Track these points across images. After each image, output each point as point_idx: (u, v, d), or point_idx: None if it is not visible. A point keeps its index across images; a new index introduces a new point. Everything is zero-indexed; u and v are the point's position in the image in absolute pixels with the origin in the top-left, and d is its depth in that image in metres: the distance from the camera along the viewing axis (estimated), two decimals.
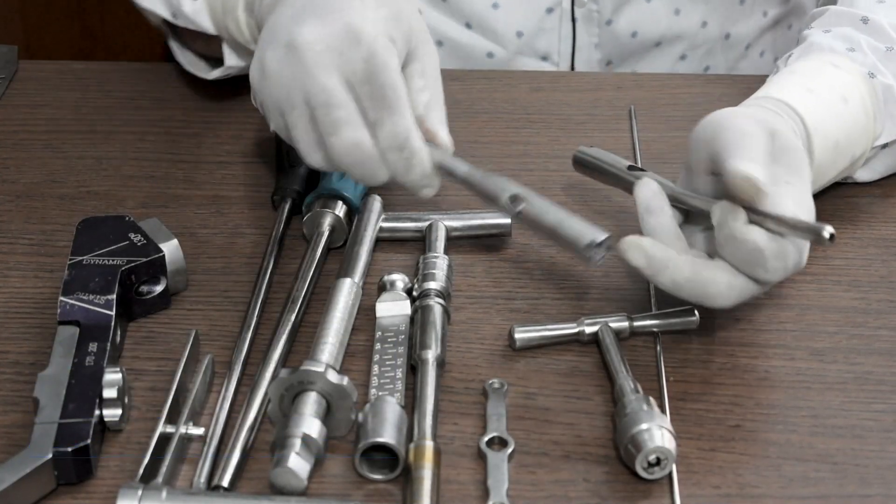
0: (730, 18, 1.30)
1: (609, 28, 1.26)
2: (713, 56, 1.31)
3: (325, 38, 0.82)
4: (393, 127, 0.82)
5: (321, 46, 0.82)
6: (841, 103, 0.96)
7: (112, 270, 0.88)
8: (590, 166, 0.98)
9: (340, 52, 0.82)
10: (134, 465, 0.79)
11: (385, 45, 0.82)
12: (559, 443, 0.82)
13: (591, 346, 0.89)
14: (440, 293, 0.90)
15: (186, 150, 1.11)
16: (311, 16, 0.83)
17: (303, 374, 0.80)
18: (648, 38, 1.27)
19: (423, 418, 0.80)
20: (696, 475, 0.79)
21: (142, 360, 0.88)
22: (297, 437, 0.77)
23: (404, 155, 0.82)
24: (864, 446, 0.82)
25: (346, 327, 0.87)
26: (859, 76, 0.98)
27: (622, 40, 1.27)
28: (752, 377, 0.87)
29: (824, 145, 0.95)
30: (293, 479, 0.76)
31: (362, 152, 0.83)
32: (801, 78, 0.97)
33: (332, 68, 0.82)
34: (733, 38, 1.31)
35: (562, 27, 1.25)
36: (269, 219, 1.01)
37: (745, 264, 0.82)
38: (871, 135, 0.99)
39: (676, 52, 1.29)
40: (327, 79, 0.81)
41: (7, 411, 0.84)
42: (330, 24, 0.82)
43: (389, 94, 0.81)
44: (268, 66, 0.83)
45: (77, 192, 1.05)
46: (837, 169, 0.98)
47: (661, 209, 0.86)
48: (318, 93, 0.82)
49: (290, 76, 0.82)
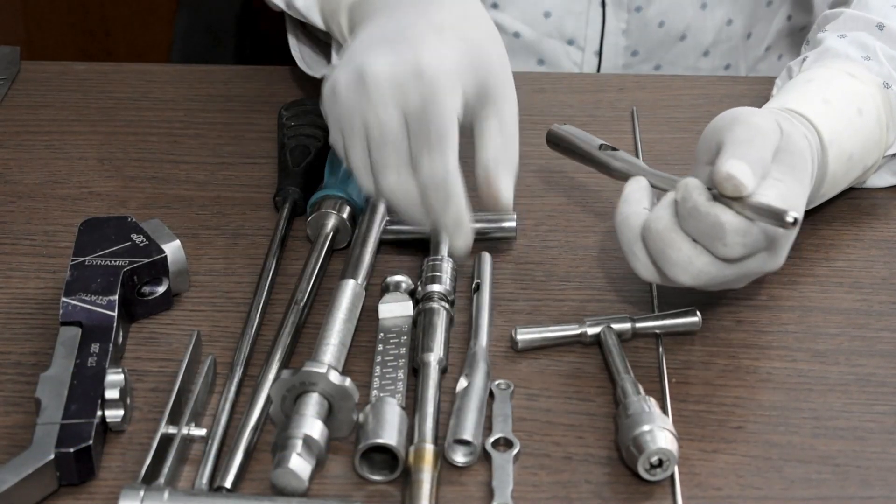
0: (754, 18, 1.31)
1: (638, 15, 1.26)
2: (735, 54, 1.31)
3: (393, 70, 0.82)
4: (431, 166, 0.82)
5: (388, 79, 0.82)
6: (857, 116, 0.96)
7: (114, 271, 0.88)
8: (563, 143, 0.97)
9: (403, 87, 0.82)
10: (136, 465, 0.79)
11: (446, 86, 0.82)
12: (561, 444, 0.82)
13: (593, 347, 0.89)
14: (444, 296, 0.90)
15: (188, 151, 1.11)
16: (386, 45, 0.83)
17: (305, 374, 0.80)
18: (675, 29, 1.28)
19: (424, 421, 0.80)
20: (697, 477, 0.79)
21: (144, 361, 0.88)
22: (298, 437, 0.77)
23: (440, 195, 0.82)
24: (866, 448, 0.82)
25: (349, 328, 0.87)
26: (875, 86, 0.98)
27: (650, 28, 1.27)
28: (754, 379, 0.87)
29: (839, 158, 0.95)
30: (294, 479, 0.76)
31: (406, 195, 0.83)
32: (817, 87, 0.97)
33: (392, 102, 0.82)
34: (754, 38, 1.32)
35: (590, 10, 1.25)
36: (270, 220, 1.01)
37: (706, 237, 0.82)
38: (884, 145, 0.99)
39: (700, 47, 1.30)
40: (385, 114, 0.82)
41: (9, 412, 0.84)
42: (401, 56, 0.82)
43: (434, 135, 0.81)
44: (338, 86, 0.84)
45: (79, 193, 1.05)
46: (850, 180, 0.98)
47: (638, 201, 0.86)
48: (374, 126, 0.82)
49: (355, 102, 0.83)
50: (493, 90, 0.85)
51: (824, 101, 0.96)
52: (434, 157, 0.82)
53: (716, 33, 1.29)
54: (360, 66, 0.83)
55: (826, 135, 0.94)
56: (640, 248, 0.85)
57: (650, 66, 1.29)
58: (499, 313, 0.92)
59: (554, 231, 1.00)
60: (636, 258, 0.85)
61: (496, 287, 0.94)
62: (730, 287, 0.87)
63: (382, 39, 0.84)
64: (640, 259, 0.85)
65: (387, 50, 0.83)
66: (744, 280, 0.86)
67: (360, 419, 0.80)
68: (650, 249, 0.84)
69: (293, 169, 1.02)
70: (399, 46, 0.83)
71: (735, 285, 0.87)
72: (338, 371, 0.82)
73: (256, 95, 1.18)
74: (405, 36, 0.84)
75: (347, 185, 0.98)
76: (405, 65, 0.82)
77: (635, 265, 0.86)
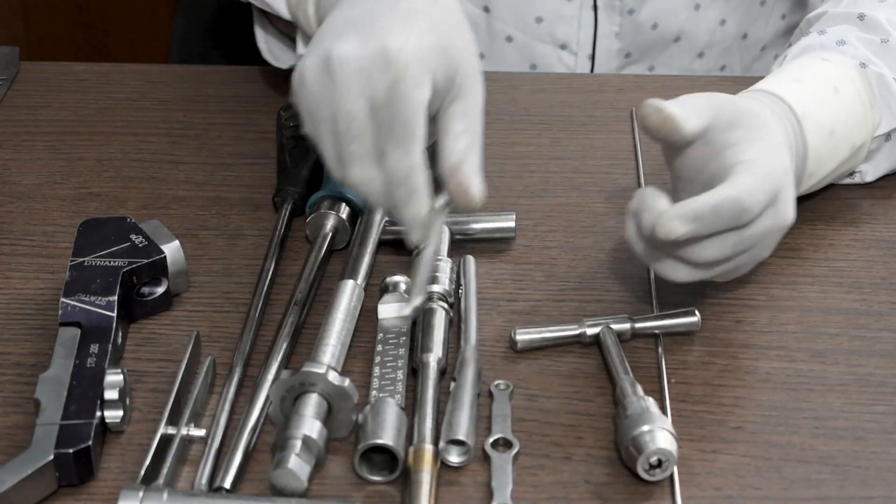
0: (748, 18, 1.30)
1: (631, 18, 1.26)
2: (730, 55, 1.31)
3: (360, 57, 0.80)
4: (395, 159, 0.80)
5: (354, 66, 0.80)
6: (831, 92, 0.97)
7: (113, 272, 0.88)
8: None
9: (370, 75, 0.80)
10: (135, 466, 0.79)
11: (414, 76, 0.79)
12: (560, 444, 0.82)
13: (592, 347, 0.89)
14: (443, 296, 0.90)
15: (188, 151, 1.11)
16: (354, 31, 0.81)
17: (304, 375, 0.80)
18: (668, 31, 1.28)
19: (424, 421, 0.80)
20: (697, 477, 0.79)
21: (143, 362, 0.88)
22: (297, 438, 0.77)
23: (403, 191, 0.81)
24: (866, 448, 0.82)
25: (348, 329, 0.87)
26: (851, 67, 0.99)
27: (643, 31, 1.27)
28: (754, 379, 0.87)
29: (819, 132, 0.95)
30: (293, 480, 0.76)
31: (372, 187, 0.82)
32: (788, 72, 0.98)
33: (359, 91, 0.80)
34: (750, 39, 1.32)
35: (582, 15, 1.25)
36: (270, 220, 1.01)
37: (671, 252, 0.85)
38: (870, 124, 0.99)
39: (695, 49, 1.29)
40: (352, 104, 0.80)
41: (8, 412, 0.84)
42: (368, 44, 0.80)
43: (400, 127, 0.79)
44: (305, 74, 0.82)
45: (78, 194, 1.05)
46: (839, 159, 0.98)
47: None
48: (341, 118, 0.80)
49: (322, 91, 0.81)
50: (461, 81, 0.82)
51: (795, 80, 0.97)
52: (399, 151, 0.79)
53: (710, 34, 1.29)
54: (327, 53, 0.81)
55: (799, 109, 0.94)
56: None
57: (644, 67, 1.29)
58: (498, 313, 0.92)
59: (553, 231, 1.00)
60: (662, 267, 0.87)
61: (496, 287, 0.94)
62: (760, 257, 0.87)
63: (349, 24, 0.82)
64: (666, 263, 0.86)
65: (353, 36, 0.81)
66: (765, 247, 0.87)
67: (360, 419, 0.80)
68: (641, 223, 0.85)
69: (292, 169, 1.02)
70: (366, 32, 0.81)
71: (763, 254, 0.87)
72: (337, 371, 0.82)
73: (256, 96, 1.18)
74: (373, 22, 0.81)
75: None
76: (372, 51, 0.80)
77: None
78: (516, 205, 1.02)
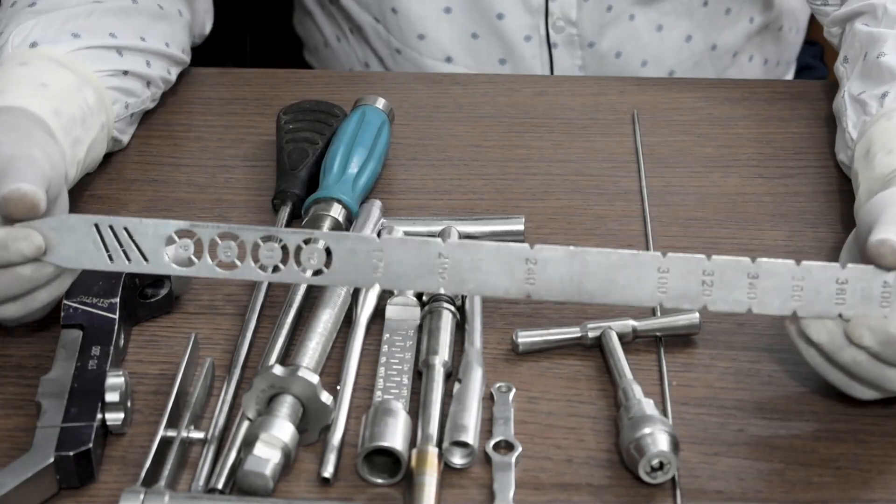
0: (715, 29, 1.29)
1: (592, 50, 1.26)
2: (701, 68, 1.31)
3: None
4: None
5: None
6: None
7: (116, 274, 0.88)
8: None
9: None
10: (136, 468, 0.79)
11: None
12: (562, 447, 0.82)
13: (594, 350, 0.89)
14: (451, 299, 0.90)
15: (189, 153, 1.11)
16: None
17: (272, 376, 0.80)
18: (633, 57, 1.27)
19: (428, 424, 0.80)
20: (698, 480, 0.79)
21: (145, 364, 0.88)
22: (261, 437, 0.77)
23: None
24: (868, 451, 0.81)
25: (332, 330, 0.87)
26: None
27: (608, 61, 1.27)
28: (755, 381, 0.87)
29: None
30: (257, 479, 0.76)
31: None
32: None
33: None
34: (720, 49, 1.31)
35: (542, 53, 1.26)
36: (270, 222, 1.01)
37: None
38: None
39: (664, 69, 1.29)
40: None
41: (10, 415, 0.84)
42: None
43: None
44: None
45: (80, 196, 1.05)
46: None
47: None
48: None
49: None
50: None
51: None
52: None
53: (676, 53, 1.28)
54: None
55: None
56: (848, 355, 0.80)
57: None
58: (500, 316, 0.92)
59: (555, 234, 1.00)
60: (841, 361, 0.80)
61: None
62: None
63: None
64: (847, 364, 0.80)
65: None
66: None
67: (364, 421, 0.80)
68: (864, 375, 0.80)
69: (291, 172, 1.02)
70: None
71: None
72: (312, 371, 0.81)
73: (256, 98, 1.18)
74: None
75: (342, 187, 0.98)
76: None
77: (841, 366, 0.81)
78: (518, 207, 1.02)
